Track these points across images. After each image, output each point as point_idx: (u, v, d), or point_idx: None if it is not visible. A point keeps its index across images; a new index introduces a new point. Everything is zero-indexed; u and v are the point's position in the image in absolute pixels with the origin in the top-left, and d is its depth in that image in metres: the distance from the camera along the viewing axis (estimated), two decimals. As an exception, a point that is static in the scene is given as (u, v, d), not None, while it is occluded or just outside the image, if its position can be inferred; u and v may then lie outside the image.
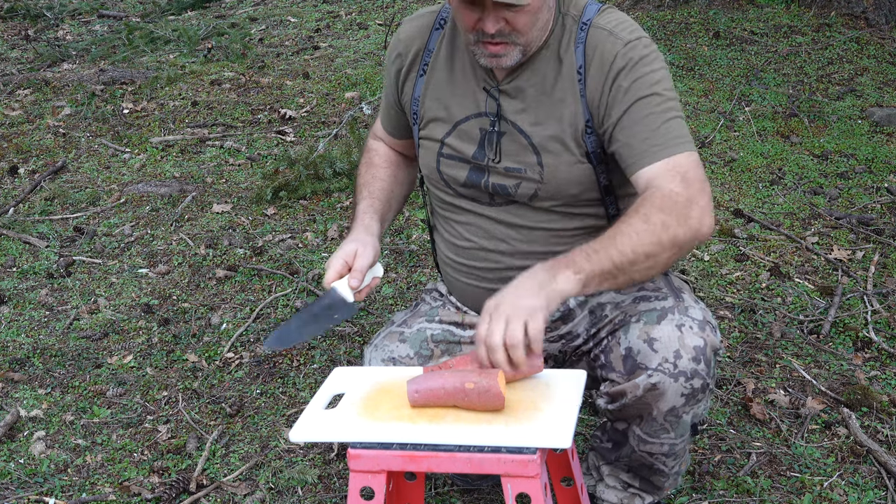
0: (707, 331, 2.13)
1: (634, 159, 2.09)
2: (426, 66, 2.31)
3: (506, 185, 2.25)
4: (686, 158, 2.06)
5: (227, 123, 5.31)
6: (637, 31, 2.16)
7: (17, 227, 4.30)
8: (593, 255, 1.97)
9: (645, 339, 2.10)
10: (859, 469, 2.66)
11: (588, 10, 2.19)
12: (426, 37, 2.33)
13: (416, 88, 2.33)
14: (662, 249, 1.98)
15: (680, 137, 2.08)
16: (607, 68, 2.12)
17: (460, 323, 2.41)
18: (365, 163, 2.54)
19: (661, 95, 2.10)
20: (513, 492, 1.83)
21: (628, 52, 2.12)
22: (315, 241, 4.05)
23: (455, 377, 1.89)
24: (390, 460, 1.86)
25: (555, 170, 2.20)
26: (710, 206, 2.04)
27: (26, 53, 6.92)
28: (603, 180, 2.22)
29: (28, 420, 2.99)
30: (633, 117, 2.10)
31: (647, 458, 2.26)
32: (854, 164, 4.63)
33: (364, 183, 2.48)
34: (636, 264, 1.98)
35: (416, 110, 2.33)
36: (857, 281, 3.62)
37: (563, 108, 2.17)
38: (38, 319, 3.58)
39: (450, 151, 2.29)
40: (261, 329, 3.43)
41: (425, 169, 2.37)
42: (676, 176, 2.03)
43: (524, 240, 2.28)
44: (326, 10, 7.47)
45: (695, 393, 2.12)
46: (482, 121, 2.25)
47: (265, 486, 2.67)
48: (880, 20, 6.28)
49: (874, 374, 3.08)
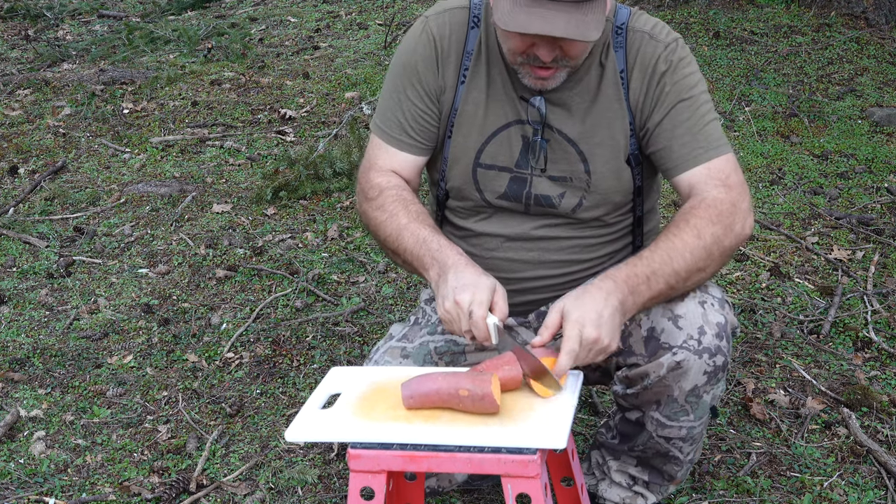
0: (727, 308, 2.16)
1: (676, 163, 2.13)
2: (466, 71, 2.19)
3: (550, 196, 2.21)
4: (725, 161, 2.12)
5: (227, 123, 5.31)
6: (672, 33, 2.17)
7: (17, 227, 4.30)
8: (653, 278, 2.01)
9: (669, 317, 2.11)
10: (859, 469, 2.66)
11: (620, 14, 2.18)
12: (463, 36, 2.19)
13: (456, 98, 2.19)
14: (713, 261, 2.06)
15: (719, 140, 2.13)
16: (650, 71, 2.14)
17: None
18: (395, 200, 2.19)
19: (700, 98, 2.14)
20: (513, 492, 1.83)
21: (669, 55, 2.13)
22: (315, 241, 4.05)
23: (449, 382, 1.89)
24: (390, 460, 1.86)
25: (602, 177, 2.19)
26: (751, 206, 2.11)
27: (26, 53, 6.92)
28: (637, 181, 2.23)
29: (28, 420, 2.99)
30: (674, 120, 2.12)
31: (664, 444, 2.25)
32: (854, 164, 4.63)
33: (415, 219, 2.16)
34: (689, 280, 2.05)
35: (453, 121, 2.20)
36: (857, 281, 3.62)
37: (609, 113, 2.17)
38: (38, 319, 3.59)
39: (489, 161, 2.20)
40: (261, 329, 3.43)
41: (457, 181, 2.23)
42: (718, 181, 2.09)
43: (552, 250, 2.27)
44: (326, 10, 7.47)
45: (716, 371, 2.13)
46: (524, 128, 2.19)
47: (265, 486, 2.67)
48: (880, 20, 6.28)
49: (874, 374, 3.08)
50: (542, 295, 2.30)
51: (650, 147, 2.17)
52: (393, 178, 2.24)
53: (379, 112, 2.28)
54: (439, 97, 2.21)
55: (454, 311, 1.98)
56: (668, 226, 2.07)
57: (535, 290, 2.30)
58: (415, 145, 2.25)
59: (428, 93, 2.21)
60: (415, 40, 2.22)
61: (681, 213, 2.08)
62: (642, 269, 2.01)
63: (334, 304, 3.59)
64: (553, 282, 2.30)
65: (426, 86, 2.21)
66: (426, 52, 2.20)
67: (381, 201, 2.21)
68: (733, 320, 2.17)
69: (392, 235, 2.17)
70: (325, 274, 3.78)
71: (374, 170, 2.26)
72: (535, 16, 1.93)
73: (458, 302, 1.96)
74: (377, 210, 2.21)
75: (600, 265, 2.30)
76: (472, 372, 1.92)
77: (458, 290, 1.97)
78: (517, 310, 2.30)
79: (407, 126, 2.23)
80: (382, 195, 2.21)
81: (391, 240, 2.18)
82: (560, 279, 2.29)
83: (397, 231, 2.16)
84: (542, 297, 2.30)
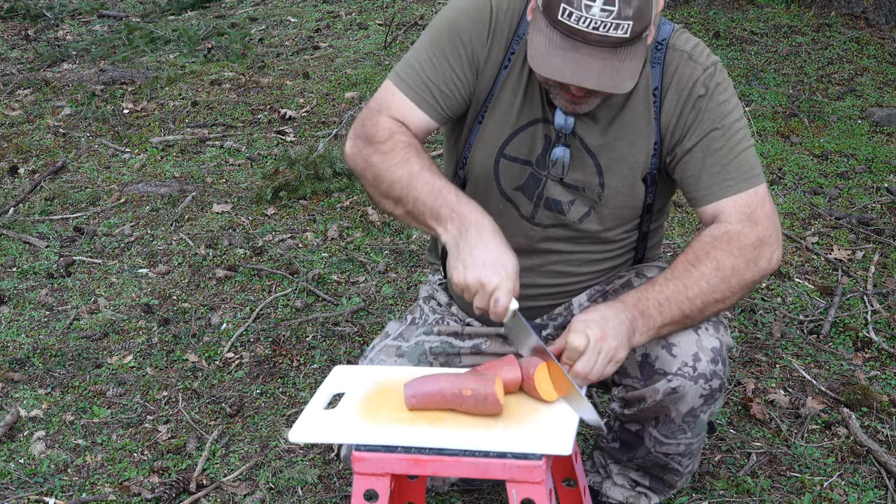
0: (721, 331, 2.13)
1: (704, 192, 2.07)
2: (512, 55, 2.07)
3: (560, 201, 2.17)
4: (755, 195, 2.05)
5: (227, 123, 5.31)
6: (712, 56, 2.10)
7: (17, 227, 4.30)
8: (666, 305, 1.97)
9: (663, 345, 2.08)
10: (859, 469, 2.66)
11: (662, 30, 2.09)
12: (518, 18, 2.07)
13: (496, 83, 2.09)
14: (732, 294, 2.01)
15: (751, 171, 2.07)
16: (686, 93, 2.07)
17: (460, 333, 2.37)
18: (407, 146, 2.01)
19: (734, 126, 2.07)
20: (518, 497, 1.82)
21: (707, 80, 2.07)
22: (315, 241, 4.05)
23: (452, 382, 1.88)
24: (395, 463, 1.85)
25: (614, 192, 2.14)
26: (779, 241, 2.06)
27: (26, 53, 6.92)
28: (649, 199, 2.19)
29: (28, 420, 2.99)
30: (706, 148, 2.06)
31: (663, 458, 2.25)
32: (854, 164, 4.63)
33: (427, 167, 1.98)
34: (705, 311, 2.01)
35: (488, 105, 2.10)
36: (857, 281, 3.62)
37: (633, 129, 2.11)
38: (38, 319, 3.58)
39: (513, 153, 2.14)
40: (261, 329, 3.43)
41: (477, 168, 2.15)
42: (745, 215, 2.03)
43: (554, 261, 2.25)
44: (326, 10, 7.46)
45: (713, 393, 2.12)
46: (548, 128, 2.12)
47: (265, 486, 2.67)
48: (880, 20, 6.28)
49: (874, 374, 3.08)
50: (533, 303, 2.27)
51: (677, 173, 2.11)
52: (403, 128, 2.06)
53: (405, 62, 2.11)
54: (480, 71, 2.08)
55: (476, 287, 1.87)
56: (686, 252, 2.02)
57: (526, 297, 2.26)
58: (436, 108, 2.09)
59: (471, 61, 2.07)
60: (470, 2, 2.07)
61: (700, 241, 2.02)
62: (654, 295, 1.98)
63: (334, 304, 3.59)
64: (548, 290, 2.29)
65: (471, 53, 2.07)
66: (481, 17, 2.06)
67: (392, 145, 2.02)
68: (728, 341, 2.15)
69: (401, 181, 1.98)
70: (325, 274, 3.78)
71: (383, 114, 2.07)
72: (570, 61, 1.86)
73: (484, 283, 1.86)
74: (385, 154, 2.01)
75: (596, 280, 2.29)
76: (475, 372, 1.91)
77: (486, 269, 1.86)
78: None
79: (433, 87, 2.07)
80: (393, 139, 2.03)
81: (398, 186, 1.98)
82: (556, 289, 2.29)
83: (408, 177, 1.97)
84: (533, 306, 2.28)
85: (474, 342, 2.36)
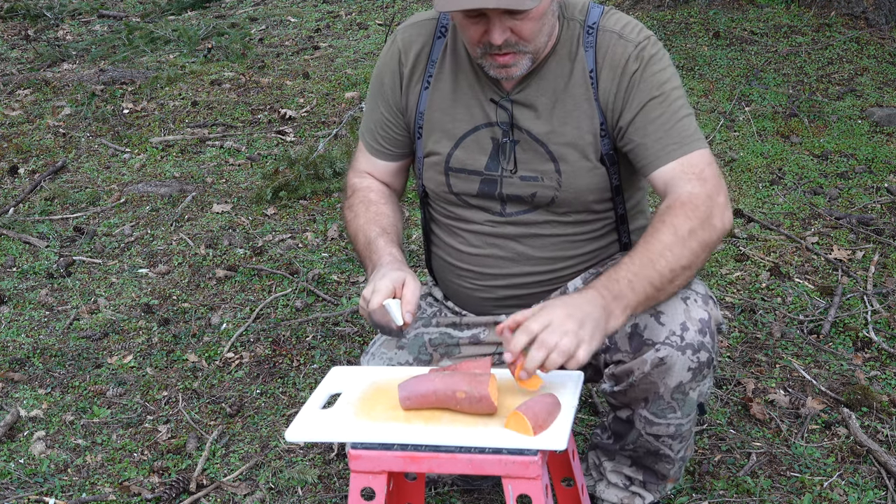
0: (710, 304, 2.16)
1: (650, 159, 2.14)
2: (430, 77, 2.28)
3: (521, 196, 2.24)
4: (700, 156, 2.13)
5: (227, 123, 5.32)
6: (644, 31, 2.19)
7: (17, 227, 4.30)
8: (636, 282, 1.99)
9: (652, 314, 2.11)
10: (859, 469, 2.66)
11: (592, 13, 2.20)
12: (429, 46, 2.29)
13: (420, 102, 2.28)
14: (695, 257, 2.05)
15: (693, 135, 2.14)
16: (620, 70, 2.15)
17: (458, 324, 2.42)
18: (361, 202, 2.36)
19: (672, 94, 2.15)
20: (514, 493, 1.83)
21: (639, 54, 2.15)
22: (315, 241, 4.05)
23: (446, 383, 1.89)
24: (391, 461, 1.86)
25: (572, 177, 2.21)
26: (728, 200, 2.13)
27: (26, 53, 6.93)
28: (615, 181, 2.25)
29: (28, 420, 2.99)
30: (646, 117, 2.14)
31: (653, 441, 2.25)
32: (854, 164, 4.63)
33: (370, 220, 2.31)
34: (675, 280, 2.05)
35: (420, 124, 2.29)
36: (857, 281, 3.62)
37: (577, 113, 2.19)
38: (38, 319, 3.59)
39: (458, 165, 2.26)
40: (261, 329, 3.43)
41: (431, 184, 2.32)
42: (693, 175, 2.11)
43: (535, 246, 2.29)
44: (326, 10, 7.47)
45: (701, 367, 2.13)
46: (493, 130, 2.23)
47: (265, 486, 2.67)
48: (880, 20, 6.28)
49: (874, 374, 3.08)
50: (527, 290, 2.32)
51: (625, 145, 2.18)
52: (366, 180, 2.40)
53: (363, 118, 2.43)
54: (404, 108, 2.31)
55: (360, 302, 2.12)
56: (647, 228, 2.09)
57: (520, 285, 2.33)
58: (383, 151, 2.38)
59: (392, 104, 2.31)
60: (385, 53, 2.34)
61: (658, 213, 2.09)
62: (623, 274, 2.00)
63: (334, 304, 3.59)
64: (539, 278, 2.32)
65: (390, 97, 2.31)
66: (392, 64, 2.31)
67: (352, 201, 2.37)
68: (717, 316, 2.17)
69: (353, 234, 2.34)
70: (325, 274, 3.78)
71: (352, 171, 2.44)
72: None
73: (363, 294, 2.11)
74: (347, 209, 2.37)
75: (587, 262, 2.33)
76: (469, 373, 1.92)
77: (367, 286, 2.12)
78: (504, 304, 2.34)
79: (377, 133, 2.36)
80: (354, 195, 2.38)
81: (352, 239, 2.35)
82: (546, 276, 2.32)
83: (355, 231, 2.33)
84: (529, 293, 2.32)
85: (472, 332, 2.41)
